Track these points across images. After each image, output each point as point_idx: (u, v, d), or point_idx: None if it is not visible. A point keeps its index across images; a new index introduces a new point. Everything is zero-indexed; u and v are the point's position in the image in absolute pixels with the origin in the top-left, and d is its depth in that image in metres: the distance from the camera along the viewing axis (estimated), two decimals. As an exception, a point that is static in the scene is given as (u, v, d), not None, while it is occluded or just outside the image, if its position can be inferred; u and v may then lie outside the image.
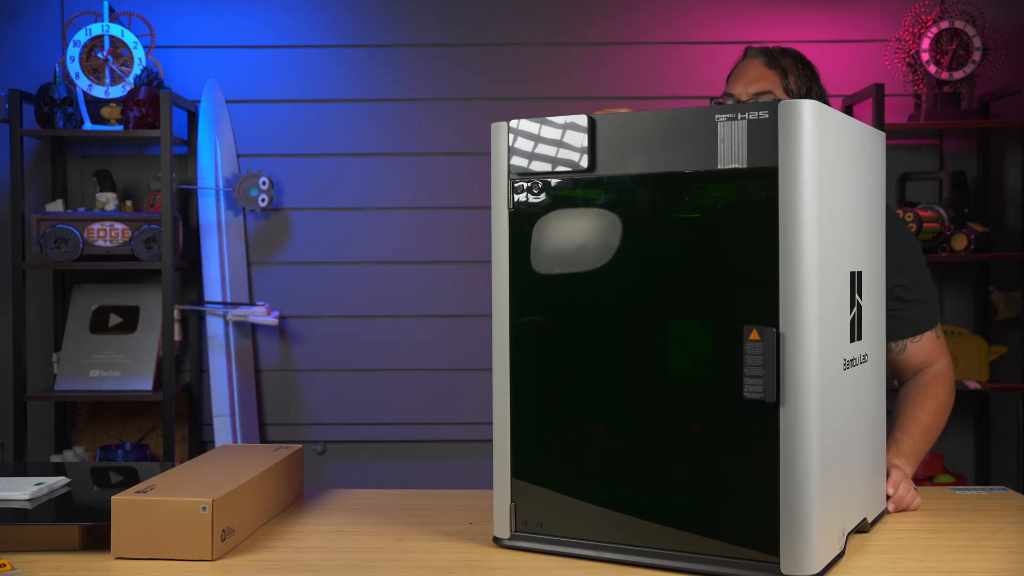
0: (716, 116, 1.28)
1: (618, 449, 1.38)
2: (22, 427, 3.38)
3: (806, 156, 1.23)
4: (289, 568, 1.38)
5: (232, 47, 3.66)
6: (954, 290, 3.71)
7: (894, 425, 1.80)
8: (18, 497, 1.52)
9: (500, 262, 1.43)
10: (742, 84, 1.92)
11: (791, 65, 1.93)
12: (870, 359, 1.47)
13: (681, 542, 1.32)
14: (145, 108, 3.41)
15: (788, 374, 1.24)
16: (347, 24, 3.68)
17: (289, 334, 3.66)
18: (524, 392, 1.43)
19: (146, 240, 3.41)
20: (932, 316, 1.92)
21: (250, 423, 3.59)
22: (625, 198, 1.36)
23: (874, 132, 1.52)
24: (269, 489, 1.59)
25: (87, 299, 3.61)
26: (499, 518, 1.45)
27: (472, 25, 3.67)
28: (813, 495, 1.24)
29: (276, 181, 3.63)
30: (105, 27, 3.46)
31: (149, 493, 1.39)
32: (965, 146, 3.70)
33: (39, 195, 3.64)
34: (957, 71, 3.48)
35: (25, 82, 3.57)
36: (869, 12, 3.66)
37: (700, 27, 3.67)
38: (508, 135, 1.43)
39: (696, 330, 1.31)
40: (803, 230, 1.23)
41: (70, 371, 3.50)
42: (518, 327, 1.43)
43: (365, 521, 1.61)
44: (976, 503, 1.68)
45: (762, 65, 1.92)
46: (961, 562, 1.37)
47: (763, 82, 1.91)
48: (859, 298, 1.41)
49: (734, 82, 1.94)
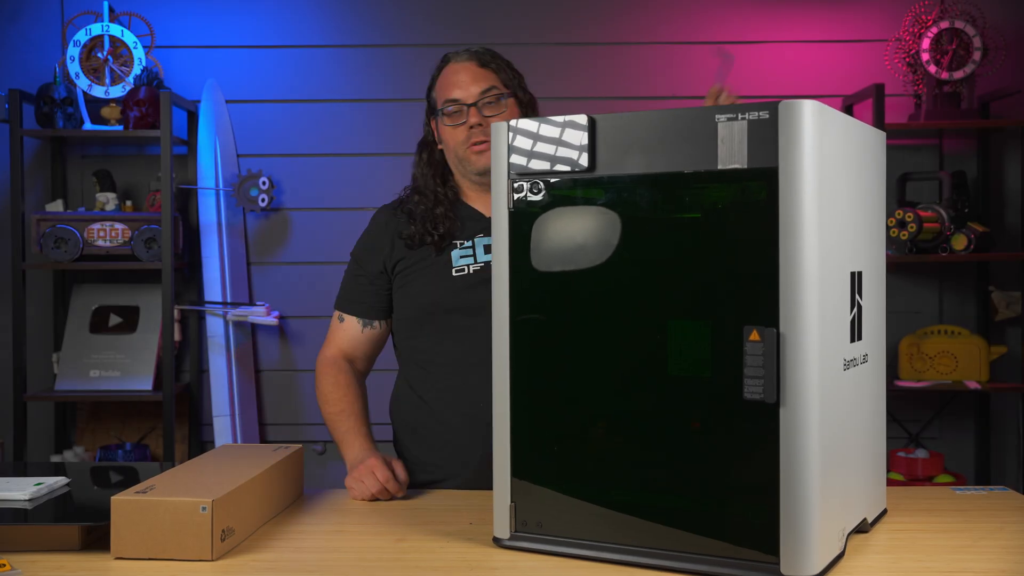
0: (716, 116, 1.28)
1: (618, 449, 1.38)
2: (22, 427, 3.38)
3: (806, 156, 1.23)
4: (289, 568, 1.38)
5: (232, 47, 3.66)
6: (954, 290, 3.71)
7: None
8: (18, 497, 1.52)
9: (500, 262, 1.43)
10: (462, 88, 1.97)
11: (497, 61, 2.01)
12: (870, 359, 1.47)
13: (681, 542, 1.32)
14: (145, 108, 3.41)
15: (788, 374, 1.24)
16: (347, 24, 3.68)
17: (289, 334, 3.67)
18: (524, 392, 1.43)
19: (146, 240, 3.41)
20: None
21: (250, 423, 3.59)
22: (625, 198, 1.36)
23: (874, 132, 1.52)
24: (269, 489, 1.59)
25: (87, 299, 3.61)
26: (499, 518, 1.45)
27: (472, 25, 3.66)
28: (813, 495, 1.24)
29: (276, 181, 3.63)
30: (105, 27, 3.46)
31: (149, 493, 1.39)
32: (965, 146, 3.69)
33: (39, 195, 3.64)
34: (957, 71, 3.48)
35: (25, 82, 3.56)
36: (869, 12, 3.66)
37: (700, 27, 3.67)
38: (508, 134, 1.43)
39: (696, 330, 1.31)
40: (803, 230, 1.23)
41: (70, 371, 3.50)
42: (518, 327, 1.43)
43: (365, 521, 1.61)
44: (976, 503, 1.68)
45: (476, 66, 1.98)
46: (961, 562, 1.37)
47: (484, 81, 1.97)
48: (859, 298, 1.41)
49: (451, 88, 1.98)
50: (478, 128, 1.94)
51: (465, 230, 2.00)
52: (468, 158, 1.97)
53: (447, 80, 1.99)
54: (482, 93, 1.95)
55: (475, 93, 1.95)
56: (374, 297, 2.02)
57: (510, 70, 2.02)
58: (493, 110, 1.96)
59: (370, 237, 2.06)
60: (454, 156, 2.00)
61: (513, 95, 1.99)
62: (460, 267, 1.96)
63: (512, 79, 2.01)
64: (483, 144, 1.94)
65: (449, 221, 1.98)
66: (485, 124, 1.94)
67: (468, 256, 1.97)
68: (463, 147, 1.96)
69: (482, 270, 1.94)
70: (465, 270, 1.95)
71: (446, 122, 1.97)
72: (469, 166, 1.98)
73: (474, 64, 1.98)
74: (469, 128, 1.95)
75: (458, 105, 1.96)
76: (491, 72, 1.98)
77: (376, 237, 2.04)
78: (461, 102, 1.95)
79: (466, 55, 2.00)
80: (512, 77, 2.01)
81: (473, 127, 1.94)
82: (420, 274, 1.97)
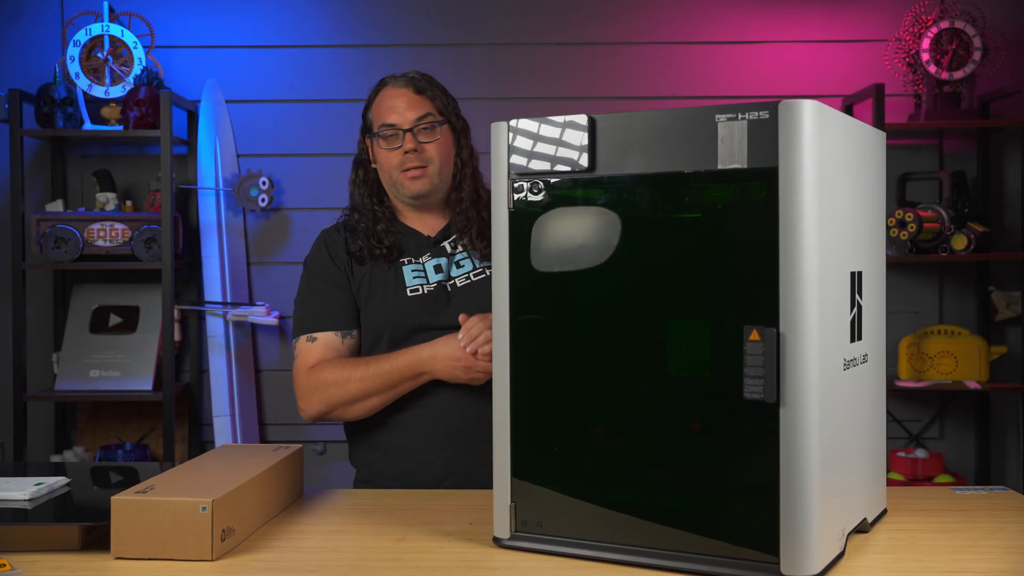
0: (716, 116, 1.28)
1: (618, 449, 1.38)
2: (22, 427, 3.38)
3: (806, 156, 1.23)
4: (289, 568, 1.38)
5: (232, 47, 3.66)
6: (954, 290, 3.71)
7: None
8: (18, 497, 1.52)
9: (500, 262, 1.43)
10: (398, 113, 1.99)
11: (433, 88, 2.03)
12: (870, 359, 1.47)
13: (681, 542, 1.32)
14: (145, 108, 3.41)
15: (788, 374, 1.24)
16: (347, 24, 3.68)
17: (289, 334, 3.66)
18: (524, 392, 1.42)
19: (146, 240, 3.41)
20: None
21: (250, 423, 3.59)
22: (625, 198, 1.36)
23: (874, 132, 1.52)
24: (269, 489, 1.59)
25: (87, 299, 3.61)
26: (499, 518, 1.44)
27: (472, 25, 3.67)
28: (813, 495, 1.24)
29: (276, 181, 3.63)
30: (105, 27, 3.46)
31: (149, 493, 1.39)
32: (965, 146, 3.69)
33: (39, 195, 3.64)
34: (957, 71, 3.48)
35: (25, 82, 3.56)
36: (869, 12, 3.66)
37: (700, 27, 3.67)
38: (508, 134, 1.43)
39: (696, 330, 1.31)
40: (803, 230, 1.23)
41: (70, 371, 3.50)
42: (518, 327, 1.43)
43: (365, 521, 1.61)
44: (976, 503, 1.68)
45: (413, 93, 2.01)
46: (961, 562, 1.37)
47: (419, 108, 2.00)
48: (859, 298, 1.41)
49: (388, 113, 2.00)
50: (412, 154, 1.98)
51: (409, 248, 2.02)
52: (402, 182, 2.00)
53: (384, 104, 2.01)
54: (417, 120, 1.99)
55: (411, 119, 1.99)
56: (350, 307, 1.99)
57: (445, 97, 2.05)
58: (428, 136, 1.99)
59: (327, 250, 2.03)
60: (388, 178, 2.02)
61: (447, 121, 2.02)
62: (414, 287, 1.98)
63: (447, 106, 2.04)
64: (417, 170, 1.98)
65: (392, 236, 2.00)
66: (420, 150, 1.98)
67: (420, 276, 1.99)
68: (397, 171, 2.00)
69: (435, 290, 1.97)
70: (420, 290, 1.98)
71: (382, 145, 2.00)
72: (403, 190, 2.01)
73: (411, 91, 2.02)
74: (404, 153, 1.98)
75: (394, 130, 1.99)
76: (427, 99, 2.01)
77: (333, 250, 2.03)
78: (397, 127, 1.99)
79: (403, 80, 2.03)
80: (447, 104, 2.04)
81: (408, 152, 1.98)
82: (374, 293, 1.98)
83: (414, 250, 2.02)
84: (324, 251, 2.03)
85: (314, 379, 1.93)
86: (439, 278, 1.99)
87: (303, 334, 1.99)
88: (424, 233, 2.05)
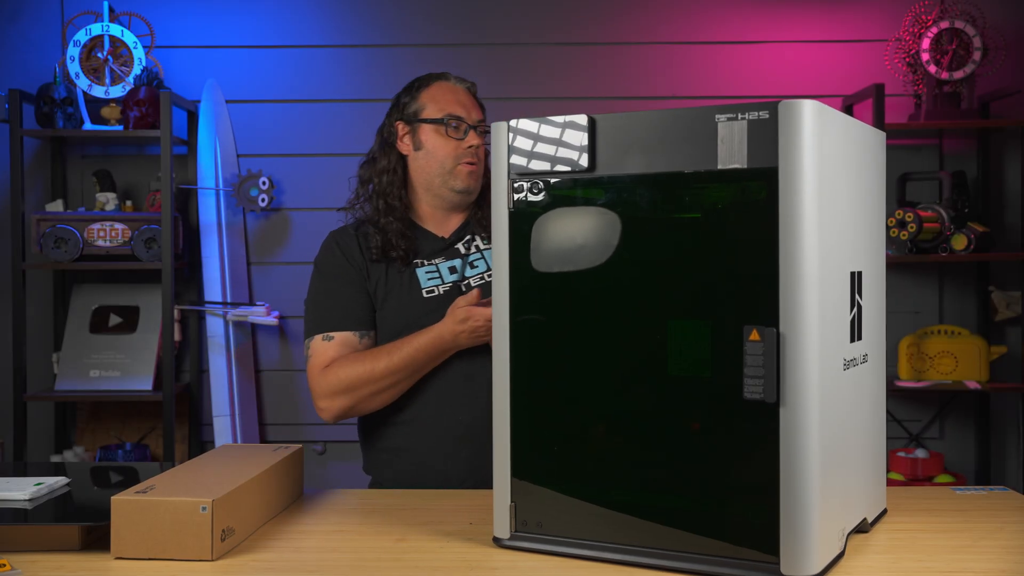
0: (716, 116, 1.28)
1: (618, 449, 1.38)
2: (22, 427, 3.38)
3: (806, 156, 1.23)
4: (289, 568, 1.38)
5: (232, 47, 3.66)
6: (954, 290, 3.70)
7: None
8: (18, 497, 1.52)
9: (500, 262, 1.43)
10: (465, 109, 2.04)
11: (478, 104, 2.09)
12: (870, 359, 1.47)
13: (681, 542, 1.32)
14: (145, 108, 3.41)
15: (788, 374, 1.24)
16: (347, 24, 3.68)
17: (289, 334, 3.67)
18: (524, 392, 1.42)
19: (146, 240, 3.41)
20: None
21: (250, 423, 3.59)
22: (625, 198, 1.36)
23: (874, 132, 1.52)
24: (269, 489, 1.59)
25: (87, 299, 3.61)
26: (499, 518, 1.44)
27: (472, 25, 3.66)
28: (813, 495, 1.24)
29: (276, 181, 3.63)
30: (105, 27, 3.46)
31: (149, 493, 1.39)
32: (965, 146, 3.69)
33: (39, 195, 3.64)
34: (957, 71, 3.48)
35: (25, 82, 3.56)
36: (869, 12, 3.66)
37: (700, 27, 3.67)
38: (508, 134, 1.43)
39: (696, 330, 1.31)
40: (803, 230, 1.23)
41: (70, 371, 3.50)
42: (518, 327, 1.43)
43: (365, 521, 1.61)
44: (976, 503, 1.68)
45: (471, 96, 2.08)
46: (961, 562, 1.37)
47: (478, 111, 2.07)
48: (859, 298, 1.41)
49: (454, 104, 2.03)
50: (474, 148, 2.02)
51: (423, 250, 2.02)
52: (458, 173, 2.01)
53: (448, 96, 2.04)
54: (479, 121, 2.05)
55: (475, 118, 2.05)
56: (367, 307, 1.98)
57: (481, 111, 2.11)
58: (482, 140, 2.05)
59: (339, 250, 2.02)
60: (439, 167, 2.02)
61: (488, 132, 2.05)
62: (430, 288, 1.98)
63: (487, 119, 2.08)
64: (474, 165, 2.02)
65: (408, 240, 2.01)
66: (477, 150, 2.02)
67: (435, 277, 1.99)
68: (454, 161, 2.01)
69: (451, 290, 1.98)
70: (435, 291, 1.98)
71: (448, 133, 2.00)
72: (457, 180, 2.01)
73: (470, 93, 2.08)
74: (467, 147, 2.01)
75: (462, 122, 2.02)
76: (479, 106, 2.09)
77: (347, 250, 2.02)
78: (465, 120, 2.02)
79: (461, 81, 2.09)
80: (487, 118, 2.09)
81: (470, 146, 2.02)
82: (390, 294, 1.98)
83: (428, 252, 2.02)
84: (337, 251, 2.02)
85: (334, 378, 1.91)
86: (454, 279, 2.00)
87: (318, 333, 1.96)
88: (438, 235, 2.05)
